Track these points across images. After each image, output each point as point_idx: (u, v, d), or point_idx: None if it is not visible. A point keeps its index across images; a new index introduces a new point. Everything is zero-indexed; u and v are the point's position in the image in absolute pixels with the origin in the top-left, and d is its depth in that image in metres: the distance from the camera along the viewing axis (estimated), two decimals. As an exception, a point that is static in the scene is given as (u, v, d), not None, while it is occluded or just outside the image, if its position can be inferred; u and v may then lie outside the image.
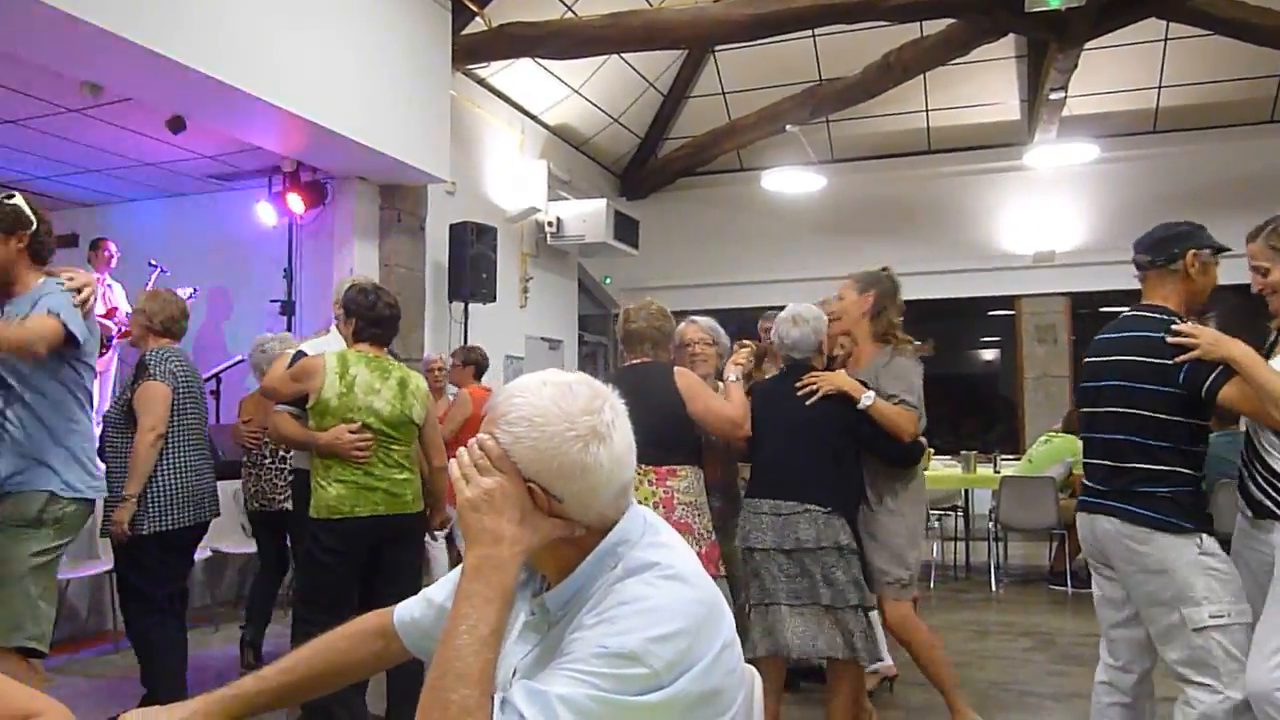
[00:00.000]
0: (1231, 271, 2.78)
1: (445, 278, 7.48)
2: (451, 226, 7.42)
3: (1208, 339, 2.47)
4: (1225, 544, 2.61)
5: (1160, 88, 9.12)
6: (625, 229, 9.20)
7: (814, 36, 8.74)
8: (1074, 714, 4.12)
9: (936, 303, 9.46)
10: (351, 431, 3.35)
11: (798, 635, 3.21)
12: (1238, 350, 2.43)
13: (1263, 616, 2.42)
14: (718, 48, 9.09)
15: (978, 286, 10.04)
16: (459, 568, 1.21)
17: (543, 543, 1.20)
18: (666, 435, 3.27)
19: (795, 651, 3.21)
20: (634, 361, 3.60)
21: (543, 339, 9.23)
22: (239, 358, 6.64)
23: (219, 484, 3.96)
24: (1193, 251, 2.65)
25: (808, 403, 3.32)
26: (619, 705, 1.08)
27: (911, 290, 3.73)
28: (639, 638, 1.11)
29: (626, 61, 8.93)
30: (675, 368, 3.52)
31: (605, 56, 8.49)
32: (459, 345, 6.66)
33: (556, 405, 1.20)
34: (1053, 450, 7.09)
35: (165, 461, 3.58)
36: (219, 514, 3.95)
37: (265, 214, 7.16)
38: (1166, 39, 8.46)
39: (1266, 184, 8.50)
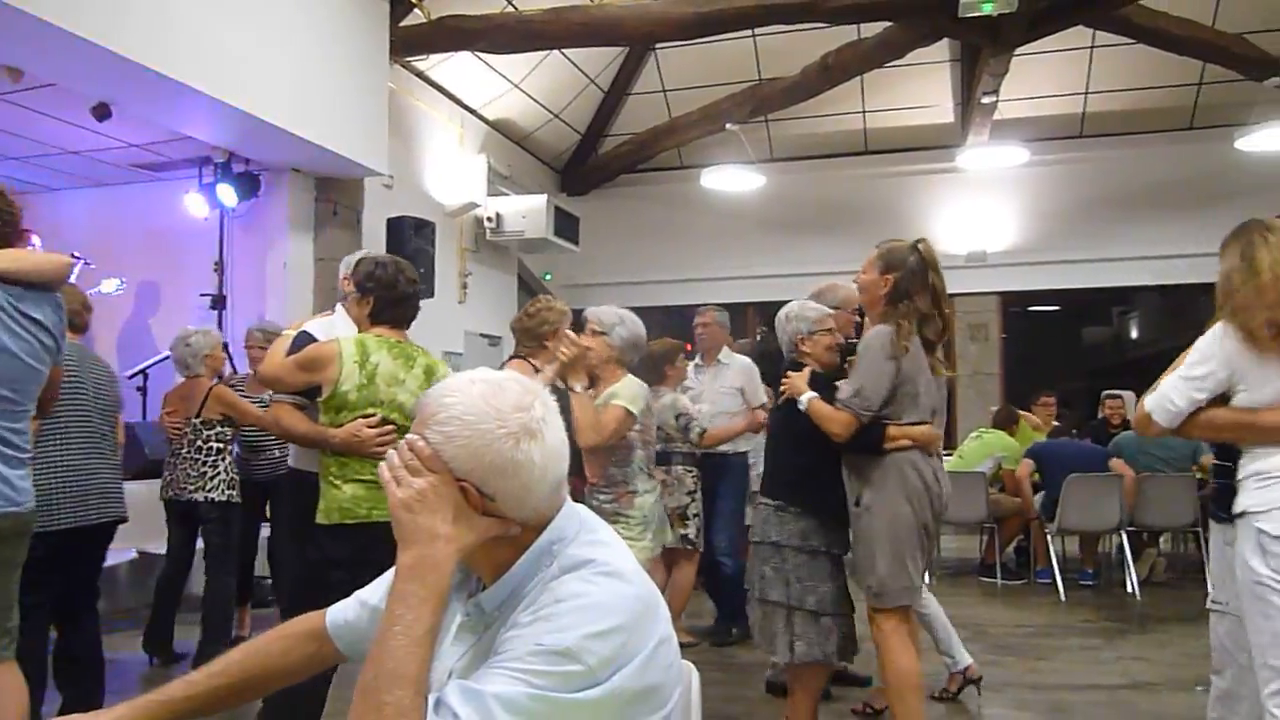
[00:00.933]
0: (1146, 273, 2.84)
1: (382, 273, 7.36)
2: (389, 221, 7.30)
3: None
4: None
5: (1087, 93, 9.38)
6: (565, 225, 9.16)
7: (754, 36, 8.81)
8: (1006, 702, 4.22)
9: (873, 301, 9.60)
10: (371, 426, 2.93)
11: (755, 625, 3.42)
12: None
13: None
14: (659, 45, 9.11)
15: (912, 285, 10.15)
16: (392, 569, 1.19)
17: (478, 542, 1.19)
18: None
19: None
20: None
21: (482, 335, 9.15)
22: (167, 353, 6.46)
23: (145, 483, 3.79)
24: None
25: (779, 401, 3.48)
26: (555, 703, 1.08)
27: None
28: (575, 635, 1.11)
29: (567, 57, 8.88)
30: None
31: (546, 52, 8.44)
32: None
33: (486, 403, 1.19)
34: (983, 446, 7.26)
35: (39, 459, 3.27)
36: (123, 516, 3.69)
37: (195, 206, 6.96)
38: (1093, 46, 8.70)
39: (1186, 189, 8.78)
